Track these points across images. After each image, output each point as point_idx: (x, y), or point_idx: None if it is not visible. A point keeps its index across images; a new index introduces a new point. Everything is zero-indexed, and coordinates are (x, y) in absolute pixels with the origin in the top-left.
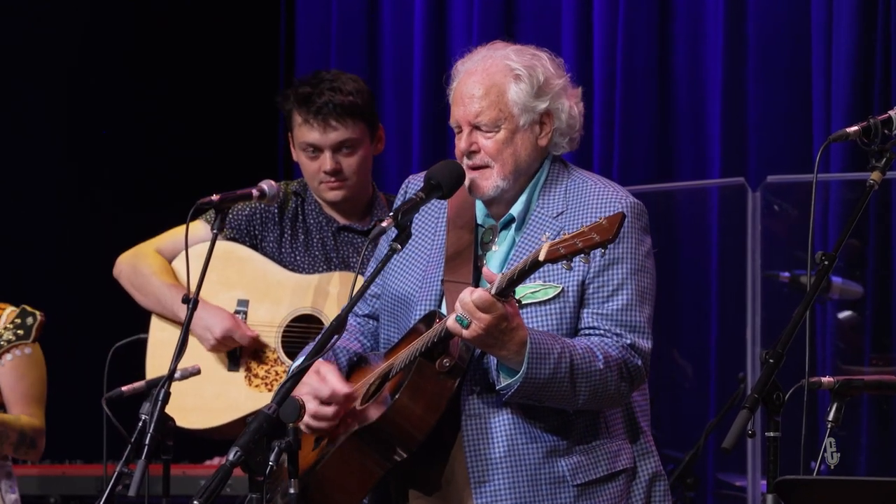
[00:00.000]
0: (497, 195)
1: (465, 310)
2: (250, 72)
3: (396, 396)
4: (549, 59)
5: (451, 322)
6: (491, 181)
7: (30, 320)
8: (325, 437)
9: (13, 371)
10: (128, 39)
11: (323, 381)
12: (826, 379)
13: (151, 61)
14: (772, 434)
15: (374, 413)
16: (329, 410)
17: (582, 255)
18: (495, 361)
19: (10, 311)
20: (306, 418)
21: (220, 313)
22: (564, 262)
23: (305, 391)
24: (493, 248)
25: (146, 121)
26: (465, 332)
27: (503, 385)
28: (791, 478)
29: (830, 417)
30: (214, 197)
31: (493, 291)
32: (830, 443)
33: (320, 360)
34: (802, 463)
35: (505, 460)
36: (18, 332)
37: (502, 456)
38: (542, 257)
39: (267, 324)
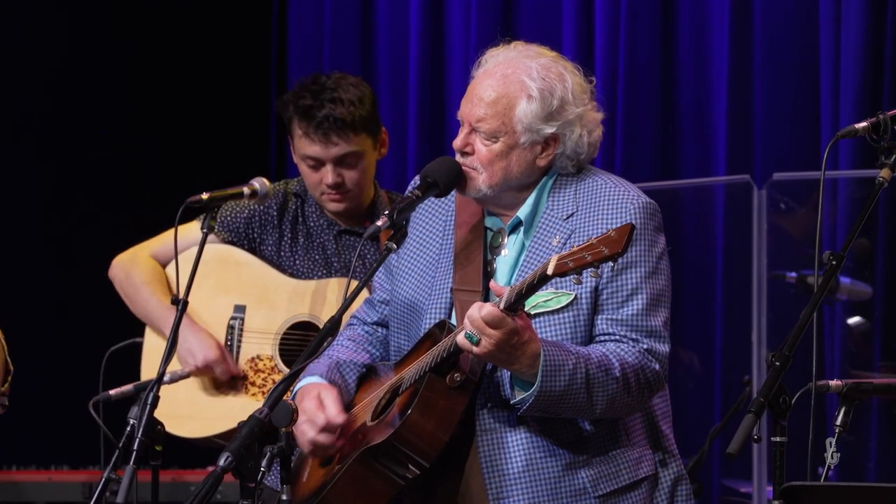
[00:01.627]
0: (481, 198)
1: (475, 326)
2: (241, 69)
3: (407, 413)
4: (576, 83)
5: (460, 339)
6: (475, 183)
7: None
8: (336, 455)
9: None
10: (116, 37)
11: (320, 409)
12: (834, 382)
13: (141, 59)
14: (778, 439)
15: (385, 431)
16: (326, 439)
17: (591, 269)
18: (509, 375)
19: None
20: (308, 446)
21: (209, 341)
22: (574, 275)
23: (303, 419)
24: (503, 252)
25: (135, 119)
26: (475, 349)
27: (518, 399)
28: (797, 484)
29: (838, 422)
30: (204, 195)
31: (501, 306)
32: (830, 442)
33: (322, 383)
34: (809, 469)
35: (523, 475)
36: None
37: (520, 471)
38: (550, 271)
39: (264, 331)
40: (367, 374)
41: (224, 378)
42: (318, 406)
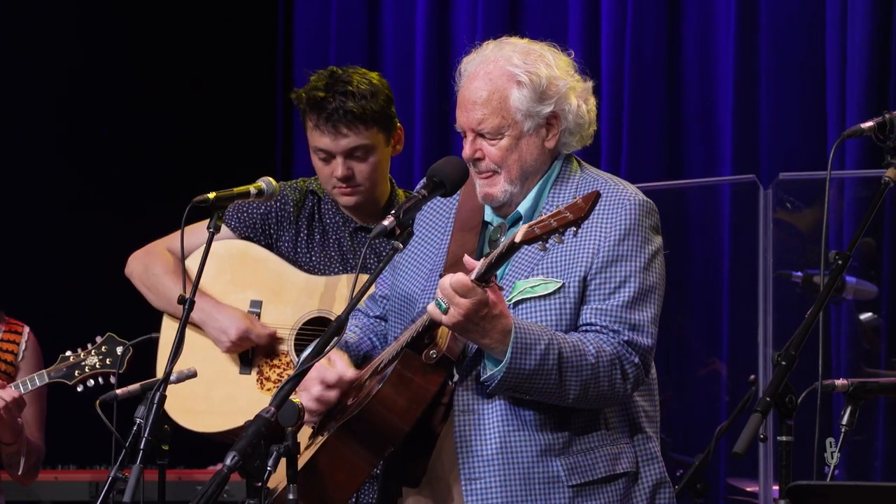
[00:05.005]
0: (508, 200)
1: (444, 294)
2: (248, 67)
3: (379, 387)
4: (555, 58)
5: (430, 306)
6: (499, 187)
7: (119, 350)
8: (319, 434)
9: (42, 394)
10: (124, 35)
11: (331, 366)
12: (840, 381)
13: (147, 57)
14: (784, 438)
15: (360, 405)
16: (332, 395)
17: (556, 235)
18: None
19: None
20: (307, 402)
21: (234, 313)
22: (539, 243)
23: (313, 375)
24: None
25: (143, 118)
26: (444, 318)
27: (487, 375)
28: (804, 483)
29: (844, 421)
30: (210, 195)
31: (473, 276)
32: (830, 442)
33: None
34: (815, 468)
35: (497, 458)
36: (108, 360)
37: (494, 453)
38: (518, 239)
39: (280, 326)
40: (364, 361)
41: (262, 342)
42: (328, 364)
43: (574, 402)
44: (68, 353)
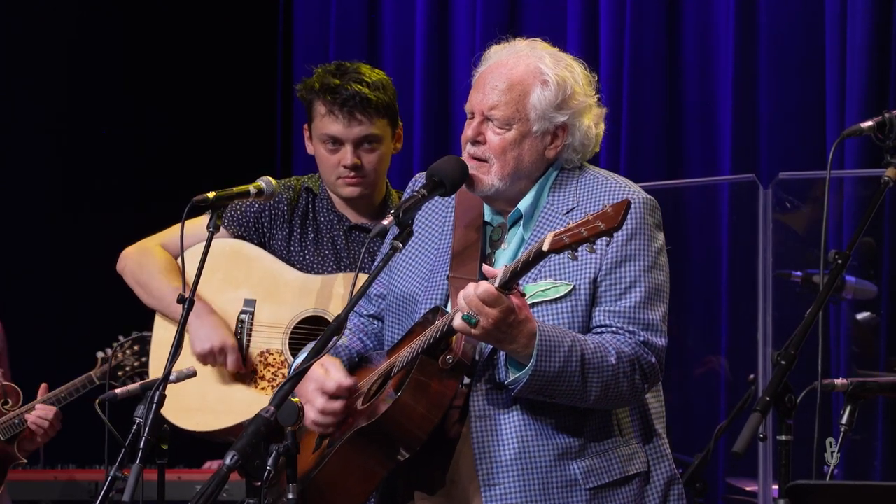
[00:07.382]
0: (492, 194)
1: (471, 306)
2: (248, 67)
3: (398, 395)
4: (583, 74)
5: (458, 322)
6: (487, 178)
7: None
8: (326, 438)
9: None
10: (123, 34)
11: (327, 375)
12: (839, 381)
13: (148, 57)
14: (783, 438)
15: (376, 412)
16: (337, 405)
17: (587, 245)
18: (503, 359)
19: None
20: (314, 415)
21: (219, 330)
22: (569, 252)
23: (312, 387)
24: (503, 245)
25: (143, 118)
26: (474, 331)
27: (512, 379)
28: (803, 483)
29: (844, 421)
30: (210, 194)
31: (496, 284)
32: (830, 442)
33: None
34: (815, 467)
35: (515, 463)
36: (143, 359)
37: (512, 458)
38: (545, 247)
39: (274, 325)
40: (359, 363)
41: (232, 369)
42: (324, 373)
43: (594, 403)
44: (100, 353)
